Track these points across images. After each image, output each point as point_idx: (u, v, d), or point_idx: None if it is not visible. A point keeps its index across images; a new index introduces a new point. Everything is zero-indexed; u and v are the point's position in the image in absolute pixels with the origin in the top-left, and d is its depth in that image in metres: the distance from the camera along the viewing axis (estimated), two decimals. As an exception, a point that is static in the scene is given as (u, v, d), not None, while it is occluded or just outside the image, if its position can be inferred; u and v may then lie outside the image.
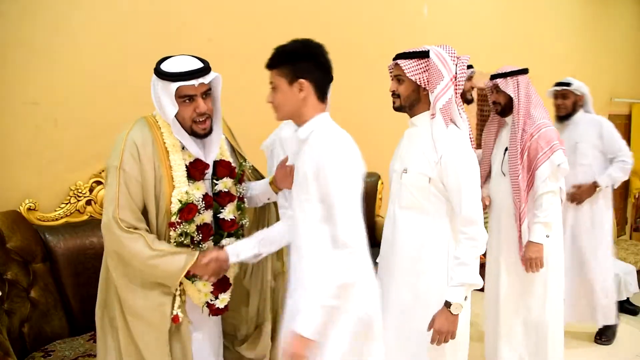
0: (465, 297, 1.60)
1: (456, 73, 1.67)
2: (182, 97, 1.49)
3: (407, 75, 1.67)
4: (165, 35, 2.45)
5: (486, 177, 2.62)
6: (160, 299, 1.51)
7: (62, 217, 2.27)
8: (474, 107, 4.23)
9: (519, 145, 2.35)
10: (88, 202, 2.34)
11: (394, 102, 1.77)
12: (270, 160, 2.13)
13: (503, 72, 2.42)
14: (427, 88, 1.66)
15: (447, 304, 1.58)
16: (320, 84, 1.44)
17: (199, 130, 1.54)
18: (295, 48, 1.42)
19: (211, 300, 1.62)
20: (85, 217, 2.32)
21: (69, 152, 2.30)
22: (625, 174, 3.00)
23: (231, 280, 1.69)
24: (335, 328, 1.37)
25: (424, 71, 1.66)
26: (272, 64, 1.44)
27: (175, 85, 1.46)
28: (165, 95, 1.48)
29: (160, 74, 1.48)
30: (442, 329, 1.59)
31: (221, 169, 1.65)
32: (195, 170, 1.56)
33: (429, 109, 1.69)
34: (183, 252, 1.50)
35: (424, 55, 1.67)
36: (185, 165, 1.55)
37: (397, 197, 1.75)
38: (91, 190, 2.35)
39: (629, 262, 4.69)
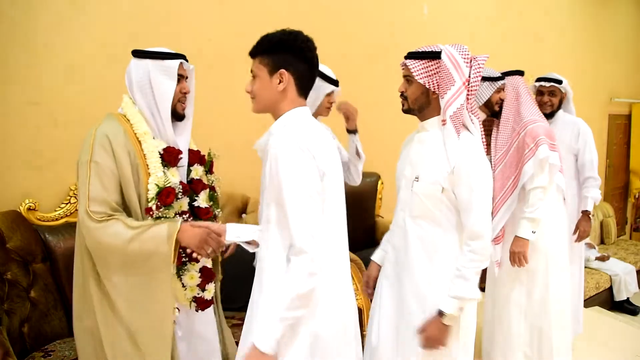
0: (462, 308, 1.54)
1: (469, 76, 1.54)
2: (177, 76, 1.57)
3: (415, 77, 1.57)
4: (165, 35, 2.45)
5: None
6: (161, 286, 1.46)
7: (62, 217, 2.28)
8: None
9: (506, 143, 2.36)
10: (88, 202, 2.33)
11: (402, 104, 1.67)
12: (265, 159, 2.12)
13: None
14: (437, 92, 1.56)
15: (440, 313, 1.53)
16: (302, 78, 1.37)
17: (180, 109, 1.61)
18: (281, 38, 1.35)
19: (198, 294, 1.61)
20: (85, 217, 2.32)
21: (69, 152, 2.29)
22: (599, 191, 2.90)
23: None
24: (295, 341, 1.28)
25: (434, 74, 1.55)
26: (254, 52, 1.37)
27: (177, 62, 1.55)
28: (163, 73, 1.55)
29: (157, 52, 1.56)
30: (432, 336, 1.53)
31: (191, 156, 1.69)
32: (169, 155, 1.56)
33: (439, 114, 1.59)
34: (164, 222, 1.46)
35: (435, 56, 1.56)
36: (159, 152, 1.55)
37: (408, 205, 1.65)
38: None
39: (629, 262, 4.70)
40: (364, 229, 3.32)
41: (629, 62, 6.21)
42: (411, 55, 1.60)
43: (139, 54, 1.57)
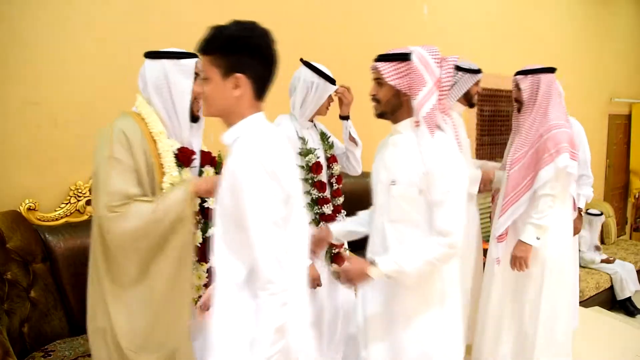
0: (391, 277, 1.49)
1: (440, 77, 1.54)
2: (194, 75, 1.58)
3: (386, 80, 1.55)
4: (165, 35, 2.45)
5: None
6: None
7: (62, 217, 2.28)
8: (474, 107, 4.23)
9: (526, 143, 2.30)
10: (88, 202, 2.34)
11: (375, 108, 1.65)
12: None
13: (526, 69, 2.35)
14: (409, 94, 1.54)
15: (372, 263, 1.49)
16: (261, 81, 1.22)
17: (195, 110, 1.61)
18: (235, 35, 1.18)
19: (203, 294, 1.63)
20: (85, 217, 2.32)
21: (69, 152, 2.30)
22: (591, 189, 2.88)
23: None
24: None
25: (405, 75, 1.53)
26: (204, 49, 1.20)
27: (194, 60, 1.56)
28: (179, 73, 1.55)
29: (174, 52, 1.56)
30: (351, 276, 1.52)
31: (203, 157, 1.70)
32: (183, 156, 1.58)
33: (411, 116, 1.58)
34: (177, 186, 1.50)
35: (405, 57, 1.53)
36: (174, 152, 1.56)
37: (386, 210, 1.62)
38: (91, 190, 2.35)
39: (629, 262, 4.71)
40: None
41: (629, 62, 6.21)
42: (381, 58, 1.58)
43: (152, 55, 1.57)
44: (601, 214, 4.64)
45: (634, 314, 4.34)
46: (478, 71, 2.45)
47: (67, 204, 2.30)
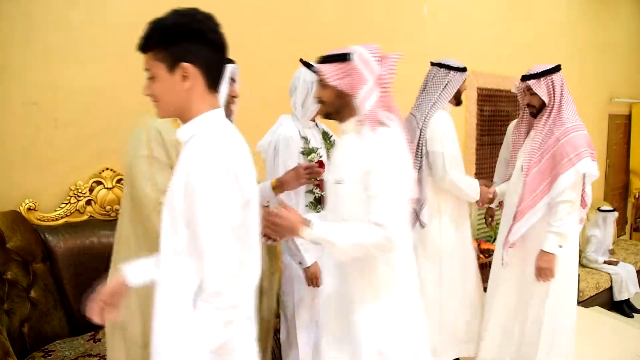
0: (316, 241, 1.45)
1: (382, 73, 1.53)
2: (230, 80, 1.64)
3: (328, 81, 1.54)
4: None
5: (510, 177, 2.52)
6: None
7: (62, 217, 2.27)
8: (470, 107, 4.23)
9: (542, 147, 2.25)
10: (88, 202, 2.34)
11: (319, 110, 1.64)
12: (271, 160, 2.12)
13: (535, 72, 2.29)
14: (351, 93, 1.53)
15: (307, 224, 1.44)
16: (210, 68, 1.13)
17: (231, 110, 1.66)
18: (173, 23, 1.09)
19: None
20: (85, 217, 2.32)
21: (69, 152, 2.30)
22: None
23: None
24: None
25: (346, 75, 1.52)
26: (145, 45, 1.11)
27: (231, 66, 1.62)
28: None
29: None
30: (283, 228, 1.43)
31: None
32: None
33: (356, 115, 1.57)
34: None
35: (345, 57, 1.53)
36: None
37: (336, 209, 1.60)
38: (91, 190, 2.35)
39: (629, 262, 4.71)
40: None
41: (629, 62, 6.21)
42: (323, 60, 1.58)
43: None
44: (614, 210, 4.59)
45: (630, 316, 4.34)
46: (465, 69, 2.47)
47: (67, 204, 2.30)
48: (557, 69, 2.29)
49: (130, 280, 1.26)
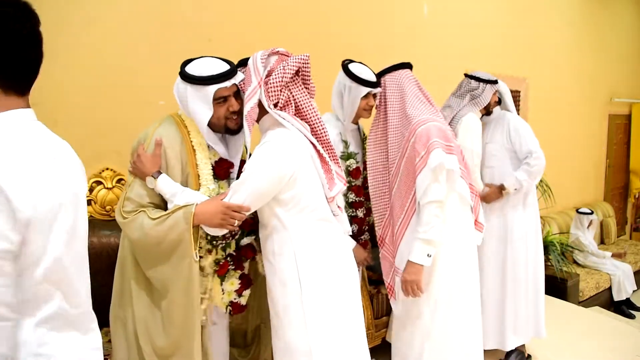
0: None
1: (264, 76, 1.53)
2: (217, 99, 1.50)
3: (239, 86, 1.60)
4: (165, 36, 2.45)
5: None
6: (185, 271, 1.46)
7: (62, 217, 2.27)
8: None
9: (396, 155, 2.03)
10: (88, 202, 2.33)
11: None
12: None
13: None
14: (243, 97, 1.56)
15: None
16: (4, 65, 0.94)
17: (232, 125, 1.56)
18: None
19: (235, 299, 1.66)
20: (85, 217, 2.32)
21: (69, 152, 2.29)
22: (532, 177, 2.55)
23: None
24: None
25: (244, 79, 1.59)
26: None
27: (214, 88, 1.46)
28: (197, 99, 1.48)
29: (192, 78, 1.47)
30: (139, 165, 1.52)
31: (242, 167, 1.68)
32: (220, 169, 1.60)
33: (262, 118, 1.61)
34: (179, 209, 1.44)
35: (245, 63, 1.60)
36: (211, 164, 1.58)
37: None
38: (91, 190, 2.35)
39: (628, 262, 4.71)
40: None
41: (629, 62, 6.22)
42: (238, 64, 1.63)
43: (183, 76, 1.51)
44: (592, 212, 4.51)
45: (630, 317, 4.33)
46: (495, 81, 2.59)
47: (67, 204, 2.29)
48: (395, 67, 2.12)
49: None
